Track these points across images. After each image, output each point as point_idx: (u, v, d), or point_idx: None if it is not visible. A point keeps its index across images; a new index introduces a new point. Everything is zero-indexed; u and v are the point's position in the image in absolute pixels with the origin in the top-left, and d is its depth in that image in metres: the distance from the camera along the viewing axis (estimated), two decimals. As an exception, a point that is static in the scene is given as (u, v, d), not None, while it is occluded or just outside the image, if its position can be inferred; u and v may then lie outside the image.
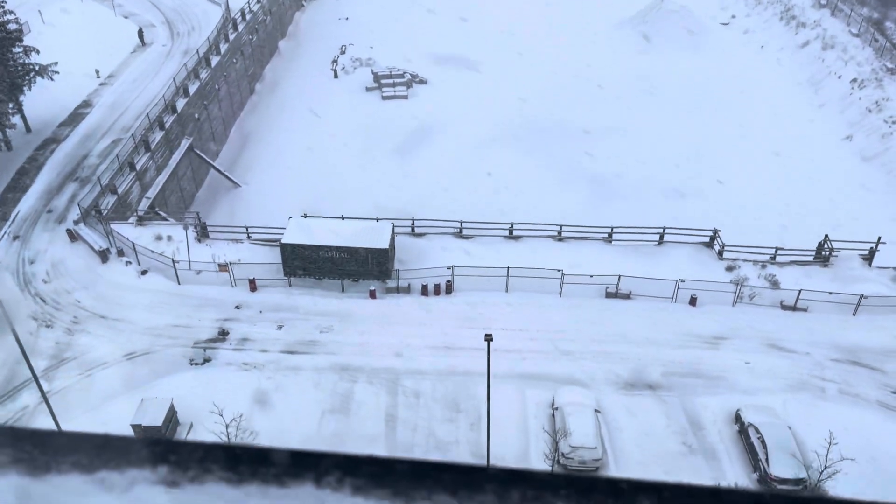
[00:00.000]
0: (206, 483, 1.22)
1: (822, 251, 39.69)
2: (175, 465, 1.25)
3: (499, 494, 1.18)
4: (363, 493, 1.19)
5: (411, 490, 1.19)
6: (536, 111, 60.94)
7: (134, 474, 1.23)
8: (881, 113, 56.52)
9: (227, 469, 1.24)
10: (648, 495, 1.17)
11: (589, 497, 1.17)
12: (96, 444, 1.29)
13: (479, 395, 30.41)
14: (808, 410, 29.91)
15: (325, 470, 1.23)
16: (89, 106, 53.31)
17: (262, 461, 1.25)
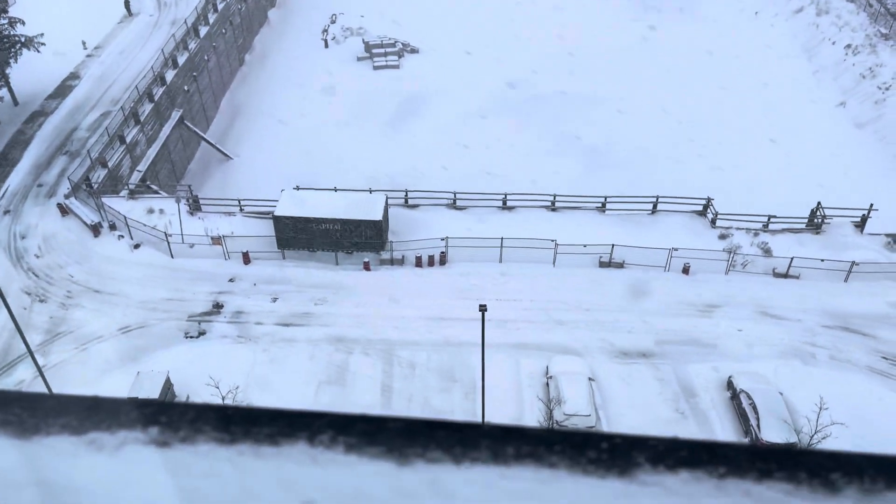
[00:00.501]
0: (197, 443, 1.21)
1: (814, 218, 39.81)
2: (166, 425, 1.24)
3: (493, 451, 1.18)
4: (356, 450, 1.19)
5: (405, 447, 1.19)
6: (529, 80, 60.48)
7: (124, 435, 1.23)
8: (874, 79, 56.32)
9: (218, 429, 1.23)
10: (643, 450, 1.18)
11: (583, 452, 1.17)
12: (86, 406, 1.29)
13: (473, 365, 30.62)
14: (799, 376, 30.26)
15: (317, 429, 1.22)
16: (77, 78, 52.61)
17: (255, 421, 1.25)
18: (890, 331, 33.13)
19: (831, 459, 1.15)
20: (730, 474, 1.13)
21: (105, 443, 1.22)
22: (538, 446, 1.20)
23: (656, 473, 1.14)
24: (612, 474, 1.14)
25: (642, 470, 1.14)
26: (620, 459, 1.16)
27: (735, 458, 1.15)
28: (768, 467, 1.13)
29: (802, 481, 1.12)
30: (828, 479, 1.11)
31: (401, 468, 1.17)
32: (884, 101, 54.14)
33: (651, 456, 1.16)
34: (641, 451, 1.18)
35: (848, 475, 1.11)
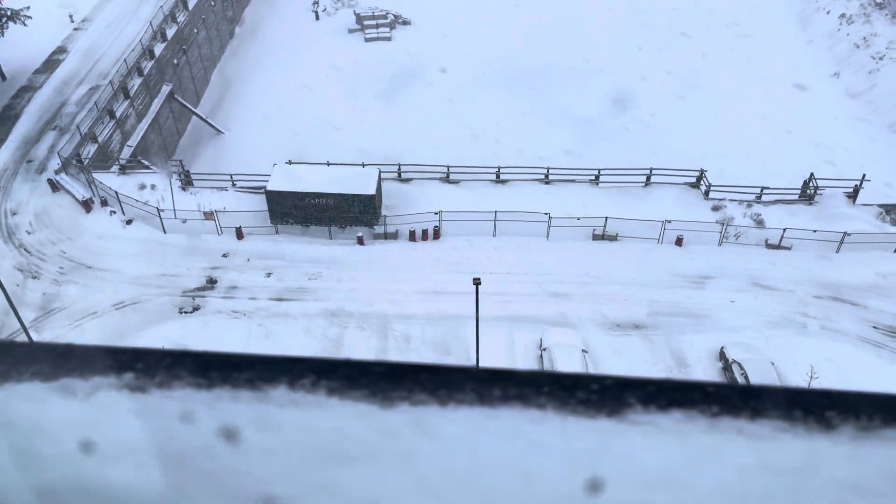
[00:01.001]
0: (173, 388, 1.20)
1: (807, 189, 39.88)
2: (141, 371, 1.23)
3: (480, 393, 1.17)
4: (339, 394, 1.17)
5: (389, 390, 1.18)
6: (523, 53, 59.99)
7: (97, 381, 1.21)
8: (868, 49, 56.09)
9: (196, 375, 1.22)
10: (635, 390, 1.17)
11: (573, 393, 1.16)
12: (58, 354, 1.27)
13: (468, 338, 30.77)
14: (790, 346, 30.54)
15: (299, 374, 1.20)
16: (64, 52, 51.90)
17: (234, 367, 1.23)
18: (880, 300, 33.41)
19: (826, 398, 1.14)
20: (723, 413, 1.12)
21: (77, 388, 1.21)
22: (526, 388, 1.18)
23: (647, 413, 1.13)
24: (602, 415, 1.13)
25: (633, 410, 1.13)
26: (611, 400, 1.15)
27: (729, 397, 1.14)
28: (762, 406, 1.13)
29: (797, 419, 1.11)
30: (823, 417, 1.11)
31: (384, 410, 1.16)
32: (877, 70, 53.98)
33: (642, 396, 1.15)
34: (633, 391, 1.16)
35: (844, 413, 1.11)
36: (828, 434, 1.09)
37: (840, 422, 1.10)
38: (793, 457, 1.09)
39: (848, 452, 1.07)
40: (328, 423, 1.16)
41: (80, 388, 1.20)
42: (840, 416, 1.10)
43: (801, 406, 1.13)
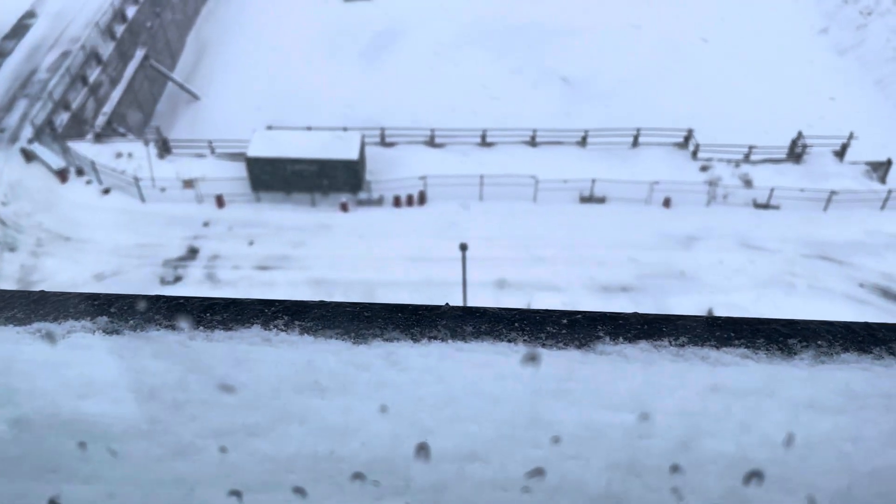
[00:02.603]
0: (148, 330, 1.20)
1: (794, 148, 39.60)
2: (115, 315, 1.24)
3: (451, 329, 1.19)
4: (312, 333, 1.19)
5: (362, 329, 1.18)
6: (507, 11, 58.75)
7: (71, 324, 1.26)
8: (857, 3, 55.43)
9: (169, 318, 1.22)
10: (603, 324, 1.21)
11: (542, 328, 1.19)
12: (32, 300, 1.33)
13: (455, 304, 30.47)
14: (778, 306, 30.55)
15: (272, 315, 1.22)
16: (33, 16, 50.16)
17: (207, 310, 1.23)
18: (866, 258, 33.43)
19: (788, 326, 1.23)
20: (689, 343, 1.18)
21: (51, 332, 1.26)
22: (498, 324, 1.23)
23: (615, 344, 1.17)
24: (572, 346, 1.17)
25: (602, 342, 1.18)
26: (580, 333, 1.19)
27: (694, 328, 1.20)
28: (727, 335, 1.19)
29: (760, 347, 1.19)
30: (785, 344, 1.19)
31: (356, 346, 1.19)
32: (865, 26, 53.41)
33: (611, 329, 1.19)
34: (602, 324, 1.21)
35: (804, 340, 1.19)
36: (788, 359, 1.18)
37: (801, 348, 1.19)
38: (752, 379, 1.16)
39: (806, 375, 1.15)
40: (300, 359, 1.20)
41: (53, 331, 1.26)
42: (801, 343, 1.20)
43: (764, 334, 1.22)
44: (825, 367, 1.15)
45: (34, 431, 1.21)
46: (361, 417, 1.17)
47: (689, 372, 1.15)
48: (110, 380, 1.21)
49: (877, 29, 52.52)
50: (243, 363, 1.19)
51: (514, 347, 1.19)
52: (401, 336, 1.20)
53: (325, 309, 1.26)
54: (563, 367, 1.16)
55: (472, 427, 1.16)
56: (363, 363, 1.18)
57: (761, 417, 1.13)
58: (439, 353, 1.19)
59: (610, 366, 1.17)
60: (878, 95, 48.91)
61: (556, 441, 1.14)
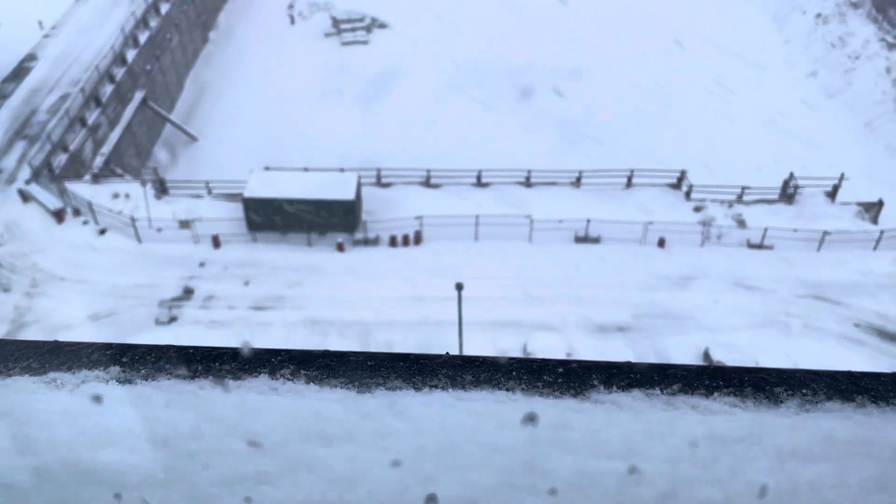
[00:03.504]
0: (158, 380, 1.24)
1: (787, 189, 40.01)
2: (128, 365, 1.27)
3: (452, 378, 1.22)
4: (317, 382, 1.22)
5: (366, 378, 1.21)
6: (502, 55, 59.80)
7: (85, 374, 1.29)
8: (844, 48, 56.58)
9: (180, 367, 1.26)
10: (598, 373, 1.25)
11: (539, 377, 1.22)
12: (47, 350, 1.35)
13: (451, 344, 30.38)
14: (774, 346, 30.52)
15: (279, 364, 1.27)
16: (34, 59, 50.83)
17: (216, 359, 1.29)
18: (861, 298, 33.53)
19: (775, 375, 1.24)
20: (680, 392, 1.21)
21: (65, 381, 1.29)
22: (496, 373, 1.25)
23: (609, 393, 1.21)
24: (568, 395, 1.21)
25: (596, 391, 1.21)
26: (576, 382, 1.23)
27: (685, 377, 1.23)
28: (716, 384, 1.22)
29: (748, 395, 1.20)
30: (772, 392, 1.21)
31: (361, 395, 1.21)
32: (853, 70, 54.45)
33: (605, 378, 1.23)
34: (596, 373, 1.25)
35: (790, 388, 1.21)
36: (774, 407, 1.20)
37: (787, 397, 1.21)
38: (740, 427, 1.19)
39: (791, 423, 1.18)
40: (307, 408, 1.23)
41: (67, 381, 1.29)
42: (787, 391, 1.22)
43: (752, 383, 1.23)
44: (810, 416, 1.17)
45: (55, 481, 1.23)
46: (367, 466, 1.19)
47: (680, 420, 1.18)
48: (125, 429, 1.23)
49: (864, 73, 53.55)
50: (253, 412, 1.22)
51: (513, 396, 1.21)
52: (403, 385, 1.22)
53: (329, 358, 1.30)
54: (559, 415, 1.19)
55: (473, 475, 1.17)
56: (368, 412, 1.20)
57: (748, 465, 1.16)
58: (441, 402, 1.21)
59: (604, 414, 1.19)
60: (867, 137, 49.65)
61: (552, 491, 1.17)
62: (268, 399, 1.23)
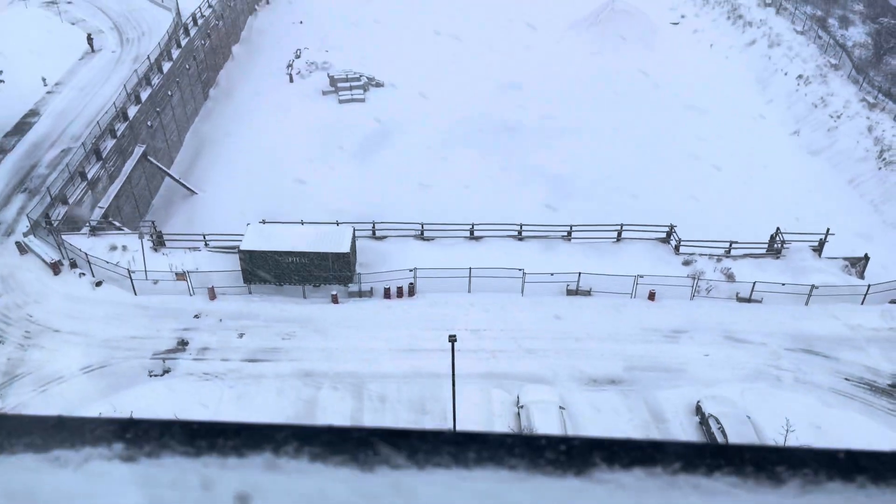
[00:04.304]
0: (162, 457, 1.25)
1: (774, 244, 40.71)
2: (131, 441, 1.27)
3: (454, 455, 1.23)
4: (321, 459, 1.23)
5: (369, 456, 1.24)
6: (493, 113, 61.28)
7: (88, 451, 1.26)
8: (826, 108, 58.25)
9: (184, 443, 1.27)
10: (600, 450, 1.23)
11: (542, 454, 1.23)
12: (50, 425, 1.31)
13: (444, 397, 30.43)
14: (765, 399, 30.64)
15: (282, 440, 1.26)
16: (37, 115, 51.89)
17: (219, 434, 1.28)
18: (850, 352, 33.84)
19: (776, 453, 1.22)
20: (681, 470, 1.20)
21: (69, 459, 1.25)
22: (498, 450, 1.25)
23: (611, 472, 1.20)
24: (570, 474, 1.20)
25: (598, 469, 1.21)
26: (578, 460, 1.22)
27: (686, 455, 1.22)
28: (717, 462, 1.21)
29: (749, 475, 1.19)
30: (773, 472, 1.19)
31: (364, 473, 1.21)
32: (836, 128, 55.96)
33: (607, 455, 1.23)
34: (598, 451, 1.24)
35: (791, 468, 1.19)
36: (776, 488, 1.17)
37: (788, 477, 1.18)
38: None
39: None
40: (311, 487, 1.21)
41: (71, 459, 1.25)
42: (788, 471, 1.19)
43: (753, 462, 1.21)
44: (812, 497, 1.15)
45: None
46: None
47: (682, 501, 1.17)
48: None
49: (846, 131, 55.04)
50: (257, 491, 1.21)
51: (516, 475, 1.20)
52: (406, 463, 1.23)
53: (332, 434, 1.28)
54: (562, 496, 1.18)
55: None
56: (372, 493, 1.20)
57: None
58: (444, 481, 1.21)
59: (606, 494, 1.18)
60: (851, 194, 50.73)
61: None
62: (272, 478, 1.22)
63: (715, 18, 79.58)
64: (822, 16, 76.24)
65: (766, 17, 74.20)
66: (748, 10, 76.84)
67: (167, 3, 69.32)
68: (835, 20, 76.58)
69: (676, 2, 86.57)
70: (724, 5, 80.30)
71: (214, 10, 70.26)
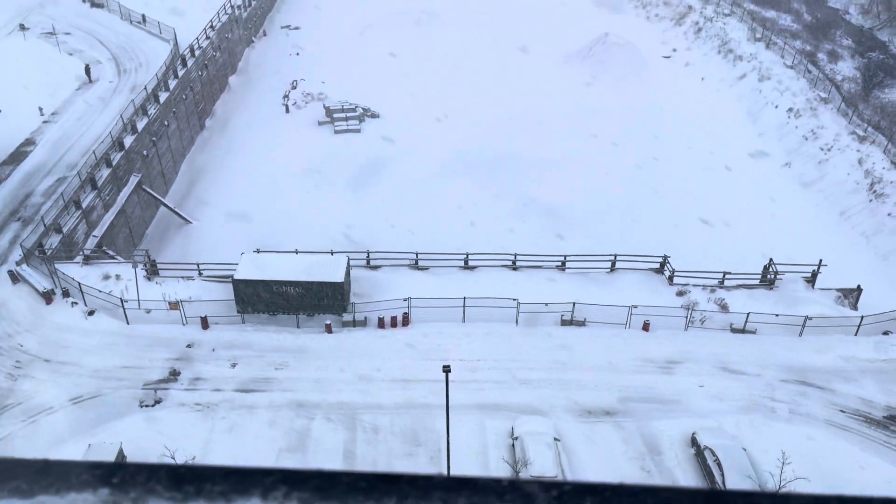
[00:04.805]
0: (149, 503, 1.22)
1: (767, 274, 40.85)
2: (117, 487, 1.25)
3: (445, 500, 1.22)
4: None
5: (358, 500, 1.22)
6: (488, 144, 61.76)
7: (73, 497, 1.24)
8: (816, 141, 58.91)
9: (171, 489, 1.24)
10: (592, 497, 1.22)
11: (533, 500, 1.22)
12: (34, 470, 1.29)
13: (438, 428, 30.19)
14: (760, 431, 30.50)
15: (271, 485, 1.24)
16: (32, 144, 52.03)
17: (207, 479, 1.26)
18: (845, 384, 33.79)
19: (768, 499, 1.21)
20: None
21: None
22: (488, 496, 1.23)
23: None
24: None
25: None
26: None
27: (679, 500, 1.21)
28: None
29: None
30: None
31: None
32: (826, 161, 56.55)
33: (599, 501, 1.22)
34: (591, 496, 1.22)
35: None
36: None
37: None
38: None
39: None
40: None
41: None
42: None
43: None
44: None
45: None
46: None
47: None
48: None
49: (837, 164, 55.63)
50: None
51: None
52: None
53: (322, 479, 1.27)
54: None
55: None
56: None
57: None
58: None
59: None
60: (843, 225, 51.11)
61: None
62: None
63: (706, 52, 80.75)
64: (812, 50, 77.48)
65: (756, 52, 75.34)
66: (738, 44, 78.04)
67: (165, 35, 70.01)
68: (824, 55, 77.82)
69: (668, 36, 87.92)
70: (715, 39, 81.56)
71: (212, 42, 70.96)
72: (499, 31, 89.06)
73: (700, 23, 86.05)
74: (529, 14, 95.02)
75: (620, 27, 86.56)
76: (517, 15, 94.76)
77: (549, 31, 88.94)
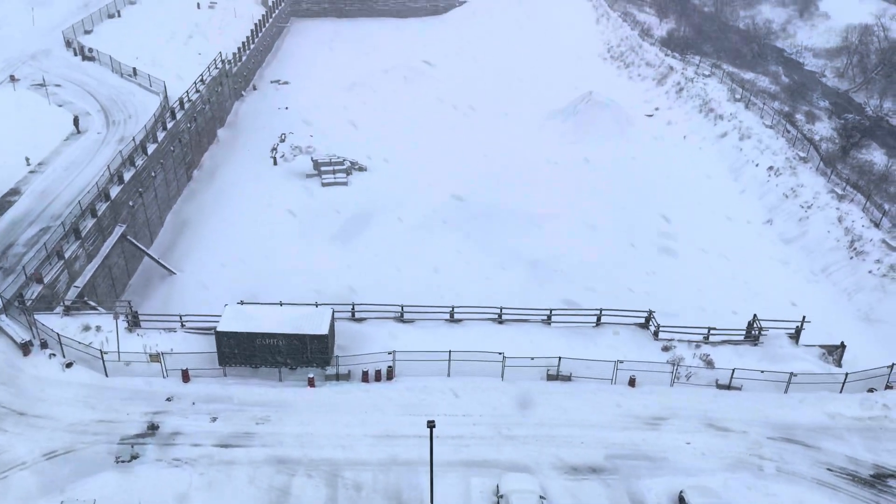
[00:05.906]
0: None
1: (751, 330, 40.98)
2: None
3: None
4: None
5: None
6: (473, 198, 62.41)
7: None
8: (797, 198, 59.98)
9: None
10: None
11: None
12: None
13: (422, 486, 29.57)
14: (748, 490, 30.13)
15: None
16: (17, 194, 51.84)
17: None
18: (832, 442, 33.60)
19: None
20: None
21: None
22: None
23: None
24: None
25: None
26: None
27: None
28: None
29: None
30: None
31: None
32: (807, 218, 57.47)
33: None
34: None
35: None
36: None
37: None
38: None
39: None
40: None
41: None
42: None
43: None
44: None
45: None
46: None
47: None
48: None
49: (817, 221, 56.52)
50: None
51: None
52: None
53: None
54: None
55: None
56: None
57: None
58: None
59: None
60: (825, 282, 51.61)
61: None
62: None
63: (688, 111, 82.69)
64: (790, 111, 79.53)
65: (735, 111, 77.25)
66: (719, 104, 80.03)
67: (155, 87, 70.78)
68: (801, 115, 79.87)
69: (651, 94, 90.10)
70: (696, 99, 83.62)
71: (202, 95, 71.81)
72: (490, 84, 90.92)
73: (682, 83, 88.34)
74: (517, 68, 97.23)
75: (605, 86, 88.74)
76: (504, 70, 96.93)
77: (533, 88, 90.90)
